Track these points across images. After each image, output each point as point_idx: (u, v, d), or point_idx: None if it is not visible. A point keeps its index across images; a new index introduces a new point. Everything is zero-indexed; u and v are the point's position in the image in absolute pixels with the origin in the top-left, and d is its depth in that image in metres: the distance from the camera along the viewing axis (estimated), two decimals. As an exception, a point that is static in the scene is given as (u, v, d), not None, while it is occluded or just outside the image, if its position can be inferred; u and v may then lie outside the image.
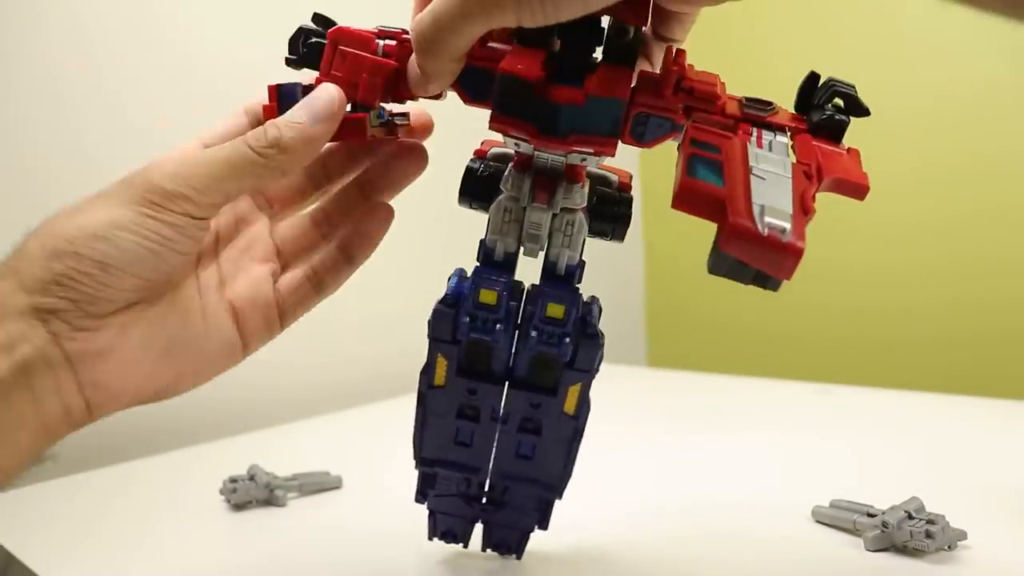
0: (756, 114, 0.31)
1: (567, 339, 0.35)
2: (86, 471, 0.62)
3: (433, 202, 0.59)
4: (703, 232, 0.28)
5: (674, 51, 0.32)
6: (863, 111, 0.32)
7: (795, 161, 0.29)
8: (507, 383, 0.37)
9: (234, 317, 0.35)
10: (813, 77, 0.32)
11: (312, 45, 0.34)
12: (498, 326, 0.35)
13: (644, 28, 0.33)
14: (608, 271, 1.29)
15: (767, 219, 0.26)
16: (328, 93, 0.32)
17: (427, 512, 0.41)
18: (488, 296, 0.35)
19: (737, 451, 0.64)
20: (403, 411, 0.43)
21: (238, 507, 0.53)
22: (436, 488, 0.40)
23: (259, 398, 0.79)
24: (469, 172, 0.36)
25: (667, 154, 0.31)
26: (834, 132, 0.31)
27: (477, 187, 0.36)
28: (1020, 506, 0.49)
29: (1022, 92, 1.00)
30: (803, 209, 0.27)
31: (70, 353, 0.29)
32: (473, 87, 0.32)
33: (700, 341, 1.28)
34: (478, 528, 0.42)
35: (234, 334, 0.35)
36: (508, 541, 0.42)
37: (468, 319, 0.35)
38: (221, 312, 0.34)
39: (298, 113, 0.32)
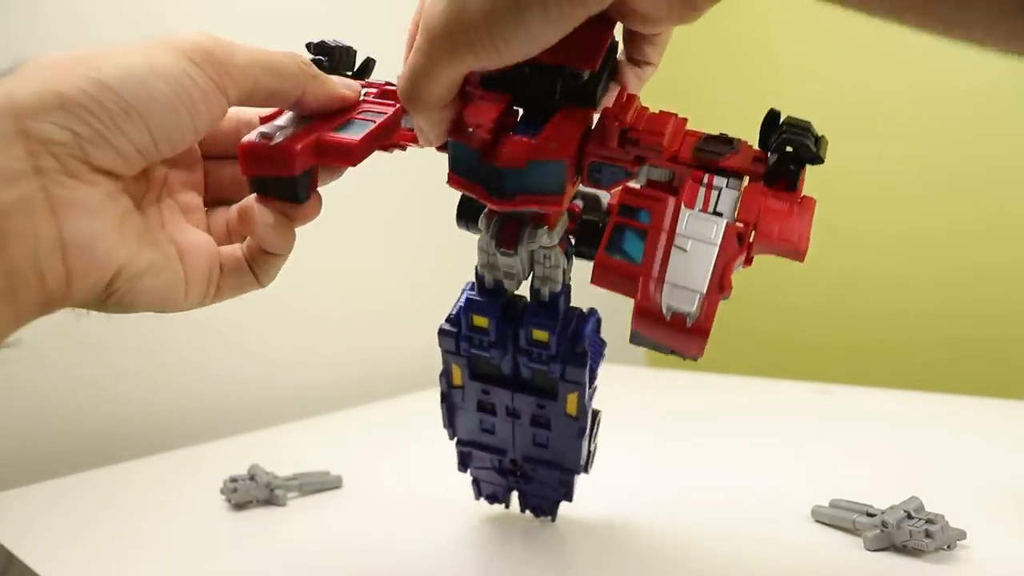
0: (710, 159, 0.31)
1: (554, 360, 0.38)
2: (86, 471, 0.62)
3: (434, 206, 0.59)
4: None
5: (624, 96, 0.32)
6: (814, 160, 0.30)
7: (732, 221, 0.29)
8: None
9: (179, 254, 0.31)
10: (772, 115, 0.31)
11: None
12: (492, 349, 0.38)
13: (617, 54, 0.33)
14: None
15: (672, 304, 0.27)
16: (355, 88, 0.34)
17: (470, 479, 0.47)
18: (480, 321, 0.38)
19: (737, 451, 0.64)
20: (403, 411, 0.43)
21: (238, 507, 0.53)
22: (474, 463, 0.45)
23: (259, 398, 0.79)
24: (463, 197, 0.38)
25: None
26: (789, 181, 0.30)
27: (470, 211, 0.38)
28: (1019, 506, 0.49)
29: (1023, 95, 1.00)
30: (720, 286, 0.27)
31: (55, 198, 0.25)
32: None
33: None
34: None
35: (180, 268, 0.31)
36: (542, 506, 0.47)
37: (466, 341, 0.38)
38: (168, 242, 0.31)
39: (336, 78, 0.34)
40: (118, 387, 0.70)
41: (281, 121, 0.33)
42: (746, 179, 0.31)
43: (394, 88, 0.35)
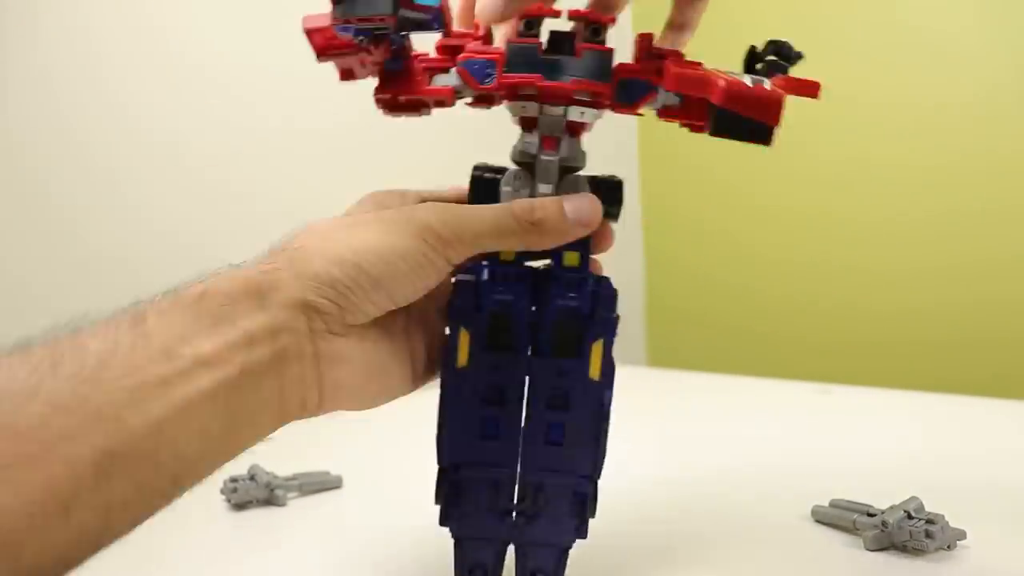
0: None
1: (586, 285, 0.37)
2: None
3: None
4: (703, 232, 0.28)
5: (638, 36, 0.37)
6: (798, 56, 0.35)
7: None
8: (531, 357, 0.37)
9: (411, 358, 0.37)
10: (751, 48, 0.36)
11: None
12: (519, 284, 0.37)
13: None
14: (608, 271, 1.29)
15: (750, 80, 0.33)
16: (595, 206, 0.36)
17: (452, 543, 0.38)
18: (507, 253, 0.37)
19: (737, 450, 0.64)
20: (403, 411, 0.43)
21: (238, 507, 0.53)
22: (462, 503, 0.37)
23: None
24: (475, 180, 0.38)
25: (666, 156, 0.32)
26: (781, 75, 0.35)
27: (485, 192, 0.38)
28: (1019, 506, 0.49)
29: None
30: (776, 86, 0.33)
31: (320, 351, 0.32)
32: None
33: (700, 341, 1.28)
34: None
35: (410, 371, 0.37)
36: (545, 566, 0.38)
37: (488, 276, 0.37)
38: (404, 352, 0.37)
39: (567, 207, 0.35)
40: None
41: None
42: None
43: None
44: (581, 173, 0.38)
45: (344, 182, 0.38)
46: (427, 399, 0.39)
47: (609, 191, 0.37)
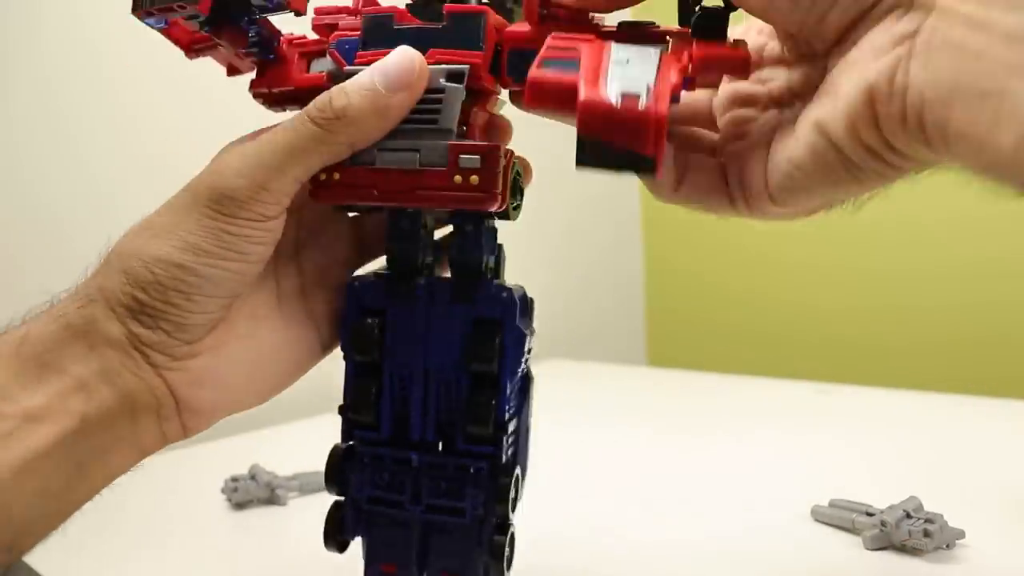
0: (631, 30, 0.28)
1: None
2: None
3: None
4: (703, 232, 0.28)
5: None
6: (735, 5, 0.27)
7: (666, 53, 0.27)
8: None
9: (314, 323, 0.33)
10: None
11: None
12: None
13: None
14: (608, 271, 1.29)
15: (622, 87, 0.24)
16: (406, 56, 0.28)
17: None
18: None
19: (737, 450, 0.64)
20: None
21: (239, 506, 0.53)
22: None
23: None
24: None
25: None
26: (714, 29, 0.27)
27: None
28: (1017, 505, 0.49)
29: None
30: (666, 78, 0.25)
31: (172, 384, 0.29)
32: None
33: (699, 340, 1.28)
34: None
35: (316, 340, 0.33)
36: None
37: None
38: (303, 319, 0.33)
39: (369, 78, 0.28)
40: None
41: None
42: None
43: None
44: None
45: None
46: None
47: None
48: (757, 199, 0.28)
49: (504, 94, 0.32)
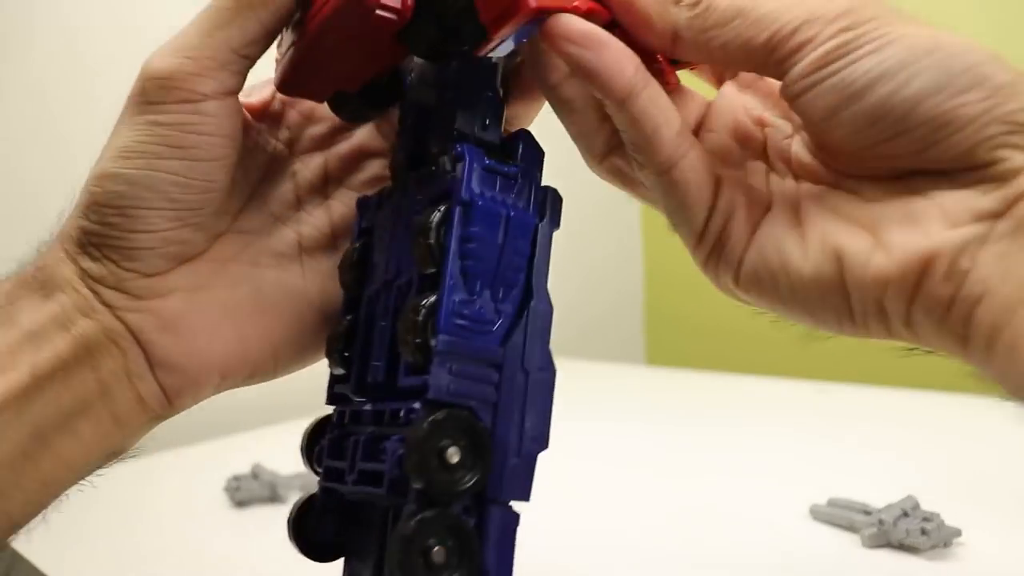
0: None
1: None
2: (90, 469, 0.62)
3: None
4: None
5: None
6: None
7: None
8: None
9: (315, 297, 0.28)
10: None
11: None
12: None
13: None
14: (607, 270, 1.30)
15: None
16: None
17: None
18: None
19: (736, 449, 0.64)
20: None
21: (241, 505, 0.53)
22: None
23: (263, 396, 0.79)
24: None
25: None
26: None
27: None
28: (1013, 504, 0.50)
29: None
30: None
31: (134, 328, 0.25)
32: None
33: (698, 339, 1.28)
34: None
35: (318, 312, 0.28)
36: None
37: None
38: (329, 274, 0.28)
39: None
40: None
41: None
42: None
43: None
44: None
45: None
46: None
47: None
48: (722, 261, 0.25)
49: None
